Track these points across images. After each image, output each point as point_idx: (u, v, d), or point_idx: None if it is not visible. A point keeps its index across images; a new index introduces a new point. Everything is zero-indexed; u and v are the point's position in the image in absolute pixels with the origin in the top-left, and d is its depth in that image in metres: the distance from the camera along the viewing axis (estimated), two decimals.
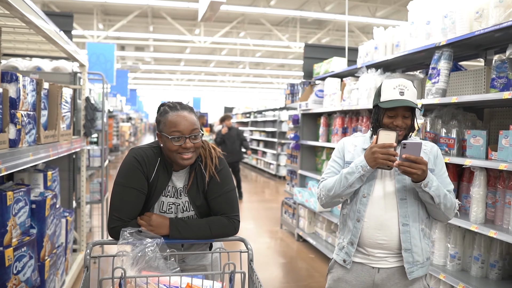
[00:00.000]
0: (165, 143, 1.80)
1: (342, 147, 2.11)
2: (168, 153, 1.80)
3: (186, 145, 1.77)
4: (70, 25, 4.91)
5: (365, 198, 1.96)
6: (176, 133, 1.76)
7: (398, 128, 1.92)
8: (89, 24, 14.74)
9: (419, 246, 1.93)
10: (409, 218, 1.92)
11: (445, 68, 3.12)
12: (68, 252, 3.74)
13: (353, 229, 1.99)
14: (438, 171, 1.99)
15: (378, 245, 1.94)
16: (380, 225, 1.93)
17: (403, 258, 1.92)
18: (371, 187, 1.96)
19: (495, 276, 2.95)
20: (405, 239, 1.91)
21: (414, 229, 1.92)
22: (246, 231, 6.54)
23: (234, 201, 1.92)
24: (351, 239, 2.00)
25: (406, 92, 1.91)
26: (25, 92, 2.43)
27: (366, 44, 4.53)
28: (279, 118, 13.06)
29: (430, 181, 1.83)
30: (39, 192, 2.96)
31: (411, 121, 1.96)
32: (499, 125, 3.29)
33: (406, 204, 1.93)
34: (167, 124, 1.79)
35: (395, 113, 1.93)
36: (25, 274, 2.42)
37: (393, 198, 1.94)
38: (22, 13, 2.26)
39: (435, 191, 1.84)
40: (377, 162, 1.84)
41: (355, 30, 15.00)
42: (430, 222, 2.02)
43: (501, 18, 2.67)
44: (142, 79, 29.34)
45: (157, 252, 1.53)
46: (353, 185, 1.93)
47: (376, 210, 1.94)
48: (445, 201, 1.88)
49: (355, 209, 1.99)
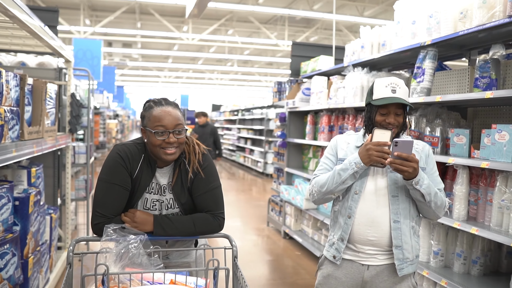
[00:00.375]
0: (148, 138, 1.79)
1: (335, 144, 2.13)
2: (152, 148, 1.79)
3: (170, 140, 1.76)
4: (55, 20, 4.85)
5: (357, 195, 1.98)
6: (160, 128, 1.76)
7: (391, 125, 1.95)
8: (76, 19, 14.56)
9: (409, 243, 1.95)
10: (400, 215, 1.94)
11: (430, 68, 3.16)
12: (53, 250, 3.70)
13: (343, 226, 2.01)
14: (429, 170, 2.02)
15: (369, 241, 1.96)
16: (371, 222, 1.95)
17: (394, 254, 1.94)
18: (363, 184, 1.98)
19: (477, 272, 3.00)
20: (396, 235, 1.93)
21: (405, 226, 1.95)
22: (233, 228, 6.55)
23: (219, 198, 1.91)
24: (342, 235, 2.01)
25: (398, 90, 1.94)
26: (8, 87, 2.40)
27: (353, 43, 4.56)
28: (266, 116, 13.08)
29: (421, 179, 1.86)
30: (22, 188, 2.92)
31: (403, 118, 1.99)
32: (482, 124, 3.34)
33: (398, 201, 1.95)
34: (151, 118, 1.79)
35: (387, 111, 1.95)
36: (8, 271, 2.39)
37: (384, 195, 1.96)
38: (6, 7, 2.23)
39: (426, 189, 1.87)
40: (371, 159, 1.86)
41: (343, 29, 15.07)
42: (419, 220, 2.05)
43: (485, 19, 2.71)
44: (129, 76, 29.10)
45: (140, 249, 1.52)
46: (346, 182, 1.94)
47: (367, 207, 1.96)
48: (436, 199, 1.91)
49: (347, 206, 2.00)
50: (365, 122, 2.07)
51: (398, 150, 1.81)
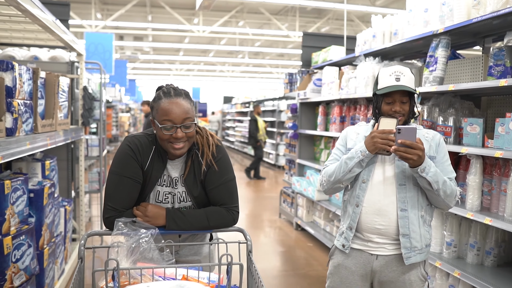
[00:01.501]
0: (157, 131, 1.75)
1: (346, 135, 2.15)
2: (160, 141, 1.76)
3: (177, 135, 1.70)
4: (67, 14, 4.89)
5: (364, 183, 1.99)
6: (167, 122, 1.70)
7: (397, 114, 1.94)
8: (87, 13, 14.62)
9: (418, 232, 1.94)
10: (407, 203, 1.93)
11: (442, 56, 3.12)
12: (67, 241, 3.77)
13: (352, 214, 2.02)
14: (440, 159, 2.00)
15: (376, 230, 1.96)
16: (378, 210, 1.95)
17: (401, 243, 1.93)
18: (370, 172, 1.99)
19: (490, 263, 2.97)
20: (403, 224, 1.92)
21: (413, 215, 1.94)
22: (245, 220, 6.57)
23: (233, 191, 1.86)
24: (350, 224, 2.02)
25: (402, 78, 1.93)
26: (22, 81, 2.43)
27: (364, 33, 4.51)
28: (278, 107, 13.04)
29: (428, 166, 1.84)
30: (37, 181, 2.97)
31: (410, 106, 1.97)
32: (496, 113, 3.29)
33: (405, 190, 1.94)
34: (159, 111, 1.72)
35: (393, 99, 1.95)
36: (24, 262, 2.43)
37: (392, 184, 1.96)
38: (18, 2, 2.25)
39: (433, 177, 1.85)
40: (376, 146, 1.87)
41: (354, 19, 14.91)
42: (431, 209, 2.03)
43: (499, 5, 2.65)
44: (141, 69, 29.21)
45: (151, 243, 1.50)
46: (353, 170, 1.95)
47: (375, 195, 1.96)
48: (445, 187, 1.89)
49: (355, 195, 2.02)
50: (373, 112, 2.08)
51: (402, 138, 1.81)
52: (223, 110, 24.35)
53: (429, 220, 2.02)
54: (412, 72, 2.00)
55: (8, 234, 2.30)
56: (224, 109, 24.13)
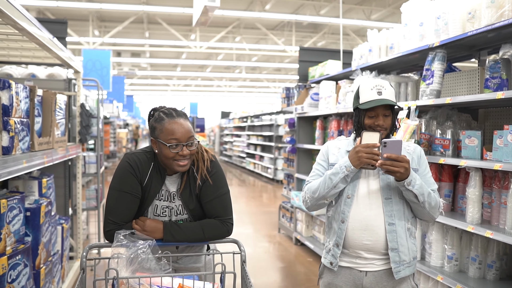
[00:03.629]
0: (161, 149, 1.82)
1: (327, 150, 2.14)
2: (164, 159, 1.83)
3: (184, 153, 1.80)
4: (64, 32, 4.91)
5: (349, 199, 1.97)
6: (173, 141, 1.78)
7: (380, 127, 1.95)
8: (85, 30, 14.73)
9: (406, 246, 1.94)
10: (394, 217, 1.93)
11: (439, 69, 3.13)
12: (65, 260, 3.72)
13: (338, 231, 2.00)
14: (422, 171, 2.02)
15: (364, 246, 1.94)
16: (365, 226, 1.93)
17: (390, 257, 1.92)
18: (355, 187, 1.98)
19: (492, 277, 2.94)
20: (391, 238, 1.91)
21: (400, 228, 1.93)
22: (244, 235, 6.52)
23: (227, 204, 1.94)
24: (337, 240, 2.00)
25: (383, 92, 1.94)
26: (18, 99, 2.42)
27: (361, 47, 4.54)
28: (275, 122, 13.07)
29: (413, 179, 1.85)
30: (33, 199, 2.94)
31: (392, 120, 1.99)
32: (493, 125, 3.30)
33: (392, 203, 1.93)
34: (163, 131, 1.80)
35: (375, 113, 1.96)
36: (20, 282, 2.39)
37: (378, 198, 1.95)
38: (15, 20, 2.25)
39: (419, 189, 1.86)
40: (361, 161, 1.86)
41: (350, 33, 15.05)
42: (415, 221, 2.03)
43: (493, 18, 2.68)
44: (138, 85, 29.31)
45: (149, 254, 1.58)
46: (338, 186, 1.94)
47: (361, 210, 1.95)
48: (429, 199, 1.90)
49: (340, 210, 2.00)
50: (355, 127, 2.07)
51: (388, 151, 1.81)
52: (221, 125, 24.39)
53: (414, 232, 2.02)
54: (391, 85, 2.01)
55: (4, 254, 2.26)
56: (221, 124, 24.15)
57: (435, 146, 3.17)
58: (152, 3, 12.59)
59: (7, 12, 2.11)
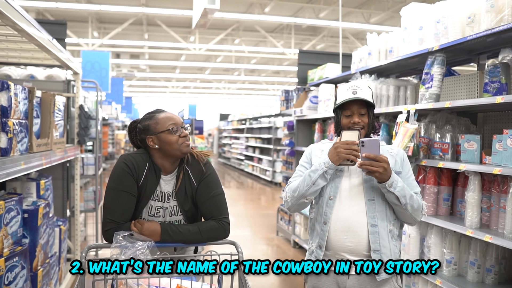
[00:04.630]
0: (163, 140, 1.91)
1: (310, 152, 2.16)
2: (169, 147, 1.91)
3: (185, 133, 1.93)
4: (63, 33, 4.90)
5: (331, 200, 1.98)
6: (173, 125, 1.91)
7: (356, 125, 1.97)
8: (84, 32, 14.73)
9: (388, 247, 1.94)
10: (377, 218, 1.93)
11: (438, 73, 3.13)
12: (62, 262, 3.70)
13: (320, 233, 2.00)
14: (405, 174, 2.03)
15: (346, 247, 1.94)
16: (347, 227, 1.93)
17: (372, 259, 1.92)
18: (337, 189, 1.98)
19: (491, 281, 2.94)
20: (374, 240, 1.91)
21: (383, 230, 1.93)
22: (242, 238, 6.51)
23: (222, 204, 1.99)
24: (319, 242, 2.00)
25: (358, 91, 1.98)
26: (17, 100, 2.42)
27: (360, 50, 4.55)
28: (274, 124, 13.07)
29: (395, 181, 1.87)
30: (31, 201, 2.93)
31: (369, 118, 2.00)
32: (492, 129, 3.30)
33: (374, 205, 1.94)
34: (160, 122, 1.93)
35: (351, 112, 1.99)
36: (17, 284, 2.38)
37: (360, 199, 1.95)
38: (14, 21, 2.25)
39: (400, 191, 1.87)
40: (339, 157, 1.87)
41: (349, 36, 15.07)
42: (398, 223, 2.04)
43: (493, 23, 2.68)
44: (137, 86, 29.30)
45: (148, 255, 1.61)
46: (317, 183, 1.94)
47: (343, 212, 1.95)
48: (412, 202, 1.91)
49: (322, 212, 2.00)
50: (335, 129, 2.10)
51: (366, 151, 1.83)
52: (220, 127, 24.38)
53: (396, 234, 2.02)
54: (370, 88, 2.04)
55: (1, 255, 2.25)
56: (220, 126, 24.15)
57: (434, 150, 3.17)
58: (151, 5, 12.59)
59: (6, 13, 2.10)
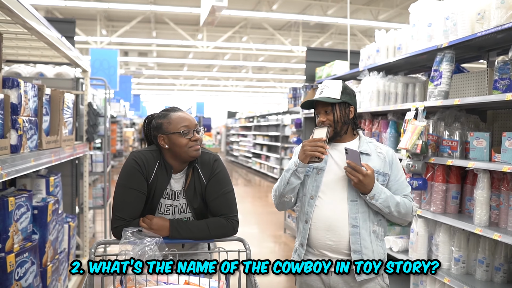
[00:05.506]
0: (174, 141, 1.88)
1: (297, 151, 2.17)
2: (178, 149, 1.88)
3: (195, 137, 1.89)
4: (72, 31, 4.94)
5: (312, 199, 2.01)
6: (184, 128, 1.88)
7: (322, 123, 2.02)
8: (93, 30, 14.80)
9: (370, 248, 1.95)
10: (359, 220, 1.95)
11: (447, 70, 3.11)
12: (71, 258, 3.74)
13: (302, 231, 2.04)
14: (394, 177, 2.04)
15: (327, 246, 1.97)
16: (328, 226, 1.96)
17: (352, 259, 1.94)
18: (318, 188, 2.01)
19: (500, 280, 2.92)
20: (354, 240, 1.93)
21: (365, 231, 1.95)
22: (250, 235, 6.52)
23: (232, 202, 1.98)
24: (301, 240, 2.05)
25: (325, 90, 2.03)
26: (27, 97, 2.44)
27: (368, 47, 4.52)
28: (282, 122, 13.05)
29: (378, 193, 1.90)
30: (41, 197, 2.96)
31: (334, 116, 2.02)
32: (502, 127, 3.27)
33: (357, 206, 1.96)
34: (172, 122, 1.89)
35: (318, 111, 2.06)
36: (27, 280, 2.41)
37: (343, 199, 1.97)
38: (24, 20, 2.27)
39: (383, 203, 1.91)
40: (306, 154, 1.91)
41: (357, 34, 15.00)
42: (383, 223, 2.04)
43: (503, 19, 2.65)
44: (145, 84, 29.41)
45: (156, 251, 1.62)
46: (290, 182, 1.98)
47: (325, 211, 1.98)
48: (398, 208, 1.94)
49: (304, 211, 2.04)
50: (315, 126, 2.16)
51: (349, 158, 1.90)
52: (227, 125, 24.40)
53: (381, 234, 2.03)
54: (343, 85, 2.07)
55: (11, 251, 2.28)
56: (228, 124, 24.17)
57: (443, 148, 3.15)
58: (159, 3, 12.62)
59: (16, 12, 2.12)
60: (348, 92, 2.05)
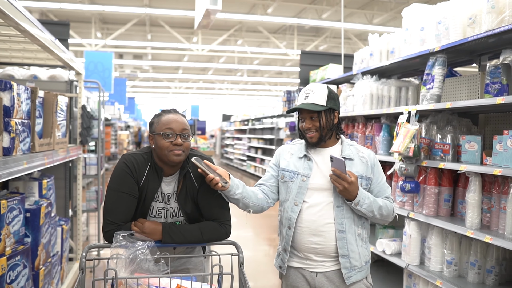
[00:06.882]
0: (157, 142, 1.87)
1: (279, 154, 2.19)
2: (160, 151, 1.86)
3: (177, 141, 1.84)
4: (66, 34, 4.93)
5: (296, 206, 2.01)
6: (168, 130, 1.85)
7: (308, 131, 2.01)
8: (87, 32, 14.78)
9: (356, 252, 1.98)
10: (345, 225, 1.97)
11: (439, 74, 3.13)
12: (64, 261, 3.72)
13: (285, 237, 2.05)
14: (376, 180, 2.08)
15: (313, 249, 1.99)
16: (314, 231, 1.97)
17: (341, 263, 1.96)
18: (302, 195, 2.01)
19: (492, 282, 2.94)
20: (341, 245, 1.95)
21: (351, 235, 1.97)
22: (244, 238, 6.52)
23: (225, 207, 1.97)
24: (284, 246, 2.07)
25: (310, 95, 2.00)
26: (20, 100, 2.43)
27: (362, 51, 4.55)
28: (277, 125, 13.07)
29: (362, 199, 1.92)
30: (34, 200, 2.94)
31: (321, 122, 2.00)
32: (493, 130, 3.30)
33: (343, 211, 1.98)
34: (159, 123, 1.88)
35: (303, 116, 2.03)
36: (19, 283, 2.40)
37: (329, 205, 1.98)
38: (17, 22, 2.27)
39: (367, 208, 1.94)
40: None
41: (352, 37, 15.07)
42: (366, 226, 2.08)
43: (494, 24, 2.68)
44: (140, 87, 29.38)
45: (147, 255, 1.61)
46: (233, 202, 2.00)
47: (310, 216, 1.99)
48: (381, 211, 1.99)
49: (286, 217, 2.04)
50: (297, 131, 2.14)
51: (334, 166, 1.91)
52: (222, 128, 24.40)
53: (365, 237, 2.07)
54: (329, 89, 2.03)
55: (3, 254, 2.27)
56: (223, 127, 24.16)
57: (435, 151, 3.17)
58: (154, 5, 12.63)
59: (9, 14, 2.12)
60: (332, 97, 2.02)
